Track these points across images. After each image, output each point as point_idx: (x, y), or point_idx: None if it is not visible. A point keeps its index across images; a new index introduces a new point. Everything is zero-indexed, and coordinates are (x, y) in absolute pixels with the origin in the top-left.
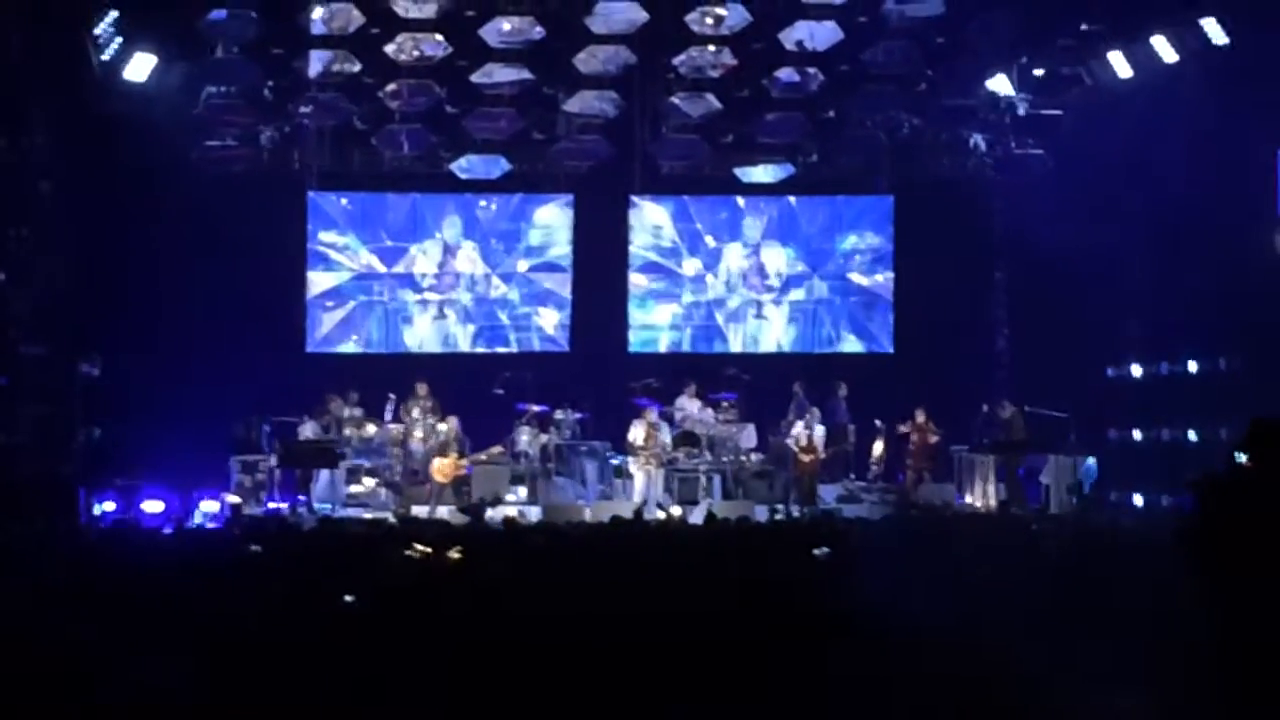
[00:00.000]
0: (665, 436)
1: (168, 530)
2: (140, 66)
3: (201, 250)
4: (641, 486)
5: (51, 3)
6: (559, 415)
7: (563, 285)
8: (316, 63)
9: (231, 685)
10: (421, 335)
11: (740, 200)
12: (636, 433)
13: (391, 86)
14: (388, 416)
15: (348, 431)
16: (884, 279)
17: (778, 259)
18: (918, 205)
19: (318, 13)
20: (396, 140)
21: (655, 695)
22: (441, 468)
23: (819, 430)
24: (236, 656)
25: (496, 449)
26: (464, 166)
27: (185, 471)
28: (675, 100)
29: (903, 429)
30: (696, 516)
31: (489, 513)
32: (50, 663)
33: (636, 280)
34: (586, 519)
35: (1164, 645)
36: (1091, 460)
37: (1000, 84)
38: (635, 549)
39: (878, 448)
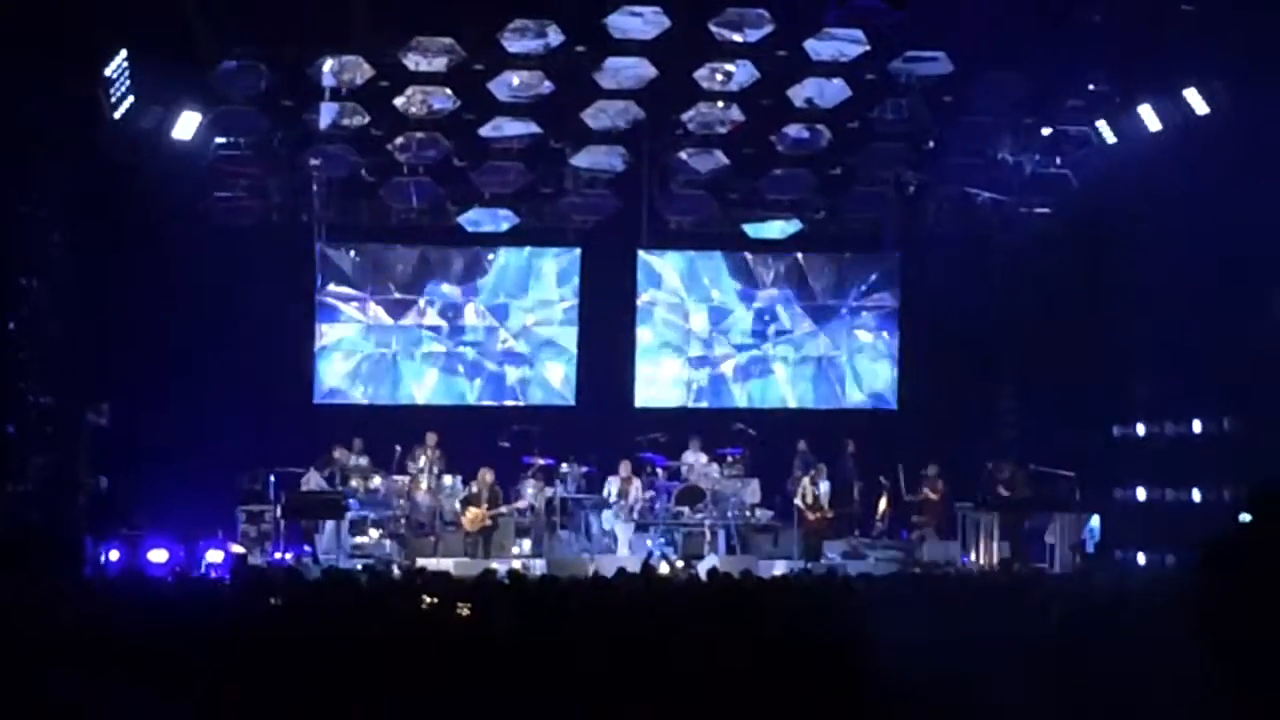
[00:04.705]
0: (641, 491)
1: (170, 580)
2: (151, 118)
3: (210, 301)
4: (626, 540)
5: (63, 53)
6: (565, 469)
7: (569, 339)
8: (326, 115)
9: None
10: (428, 387)
11: (748, 256)
12: (610, 488)
13: (400, 139)
14: (393, 468)
15: (353, 482)
16: (890, 336)
17: (785, 315)
18: (924, 262)
19: (328, 66)
20: (405, 193)
21: None
22: (472, 517)
23: (824, 487)
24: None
25: (522, 503)
26: (472, 219)
27: (191, 521)
28: (683, 156)
29: (927, 491)
30: (701, 571)
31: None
32: (54, 715)
33: (643, 335)
34: (590, 573)
35: (1166, 706)
36: (1095, 519)
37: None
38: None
39: (883, 505)
